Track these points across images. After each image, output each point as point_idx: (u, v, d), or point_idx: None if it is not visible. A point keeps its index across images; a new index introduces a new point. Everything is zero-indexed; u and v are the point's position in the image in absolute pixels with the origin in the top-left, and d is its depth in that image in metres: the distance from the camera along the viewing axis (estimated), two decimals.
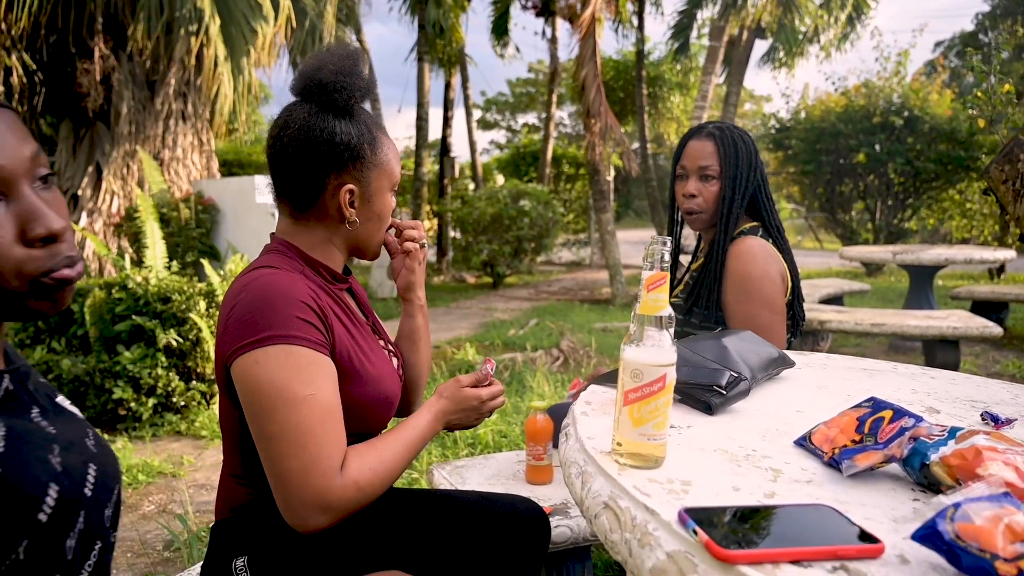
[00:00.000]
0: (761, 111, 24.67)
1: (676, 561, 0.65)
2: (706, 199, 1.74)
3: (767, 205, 1.76)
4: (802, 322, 1.79)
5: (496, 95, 29.04)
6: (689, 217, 1.78)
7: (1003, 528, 0.58)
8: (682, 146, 1.80)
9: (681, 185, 1.79)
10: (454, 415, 1.24)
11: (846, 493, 0.77)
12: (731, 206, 1.72)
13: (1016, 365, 4.77)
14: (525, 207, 9.41)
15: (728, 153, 1.72)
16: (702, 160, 1.73)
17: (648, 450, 0.82)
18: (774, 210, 1.78)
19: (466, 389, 1.24)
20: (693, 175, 1.75)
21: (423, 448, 1.18)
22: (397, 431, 1.15)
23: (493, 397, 1.27)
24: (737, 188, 1.72)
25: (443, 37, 11.12)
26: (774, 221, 1.76)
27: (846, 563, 0.61)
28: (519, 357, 4.76)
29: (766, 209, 1.76)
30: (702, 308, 1.73)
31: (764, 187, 1.76)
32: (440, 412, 1.21)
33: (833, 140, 11.82)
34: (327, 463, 1.00)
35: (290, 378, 0.99)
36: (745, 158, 1.73)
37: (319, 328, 1.05)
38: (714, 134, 1.75)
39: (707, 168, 1.73)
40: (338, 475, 1.00)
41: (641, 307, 0.83)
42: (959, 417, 1.07)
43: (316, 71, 1.13)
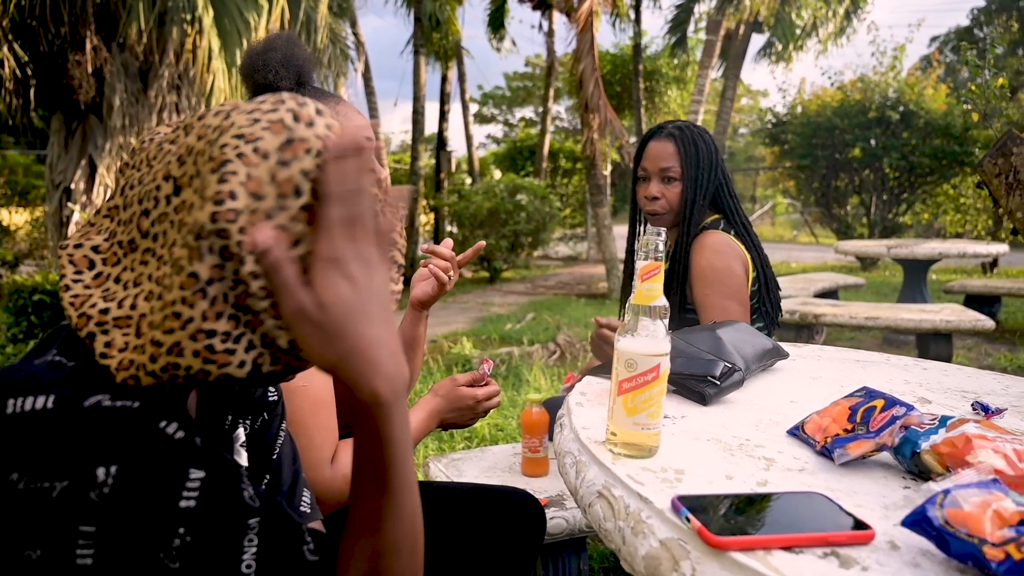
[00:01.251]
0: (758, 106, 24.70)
1: (669, 548, 0.65)
2: (669, 200, 1.74)
3: (731, 203, 1.77)
4: (778, 313, 1.80)
5: (493, 89, 29.01)
6: (652, 218, 1.78)
7: (991, 514, 0.59)
8: (642, 147, 1.80)
9: (643, 187, 1.78)
10: (449, 414, 1.24)
11: (838, 481, 0.78)
12: (693, 207, 1.72)
13: (1008, 358, 4.80)
14: (522, 201, 9.40)
15: (689, 154, 1.72)
16: (663, 162, 1.73)
17: (642, 439, 0.83)
18: (738, 206, 1.79)
19: (462, 388, 1.24)
20: (655, 177, 1.75)
21: (417, 445, 1.19)
22: None
23: (489, 397, 1.27)
24: (699, 188, 1.72)
25: (439, 30, 11.08)
26: (738, 216, 1.77)
27: (837, 549, 0.62)
28: (516, 351, 4.77)
29: (730, 207, 1.76)
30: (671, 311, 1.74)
31: (727, 184, 1.77)
32: (435, 410, 1.21)
33: (829, 135, 11.84)
34: (318, 454, 1.00)
35: None
36: (706, 157, 1.73)
37: None
38: (674, 134, 1.75)
39: (668, 170, 1.73)
40: (328, 466, 1.01)
41: (635, 297, 0.83)
42: (950, 407, 1.08)
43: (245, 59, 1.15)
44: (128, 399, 0.55)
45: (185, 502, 0.52)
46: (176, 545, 0.52)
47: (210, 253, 0.52)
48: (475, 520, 1.33)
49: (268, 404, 0.82)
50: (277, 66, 1.14)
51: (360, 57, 11.92)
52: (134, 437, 0.52)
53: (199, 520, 0.53)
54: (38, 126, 7.89)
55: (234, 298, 0.54)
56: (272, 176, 0.53)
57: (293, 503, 0.81)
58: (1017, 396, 1.17)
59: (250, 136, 0.53)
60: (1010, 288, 5.73)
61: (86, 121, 7.18)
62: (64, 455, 0.51)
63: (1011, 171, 2.23)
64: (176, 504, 0.52)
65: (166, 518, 0.52)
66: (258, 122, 0.54)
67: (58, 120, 7.26)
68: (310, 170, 0.54)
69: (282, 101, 0.56)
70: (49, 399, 0.53)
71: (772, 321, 1.79)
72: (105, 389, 0.55)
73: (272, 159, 0.53)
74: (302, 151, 0.54)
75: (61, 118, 7.24)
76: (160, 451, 0.53)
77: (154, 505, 0.51)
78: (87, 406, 0.53)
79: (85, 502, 0.50)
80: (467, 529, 1.32)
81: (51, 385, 0.54)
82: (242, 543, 0.54)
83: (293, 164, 0.54)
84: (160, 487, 0.52)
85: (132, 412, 0.54)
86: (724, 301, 1.64)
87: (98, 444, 0.51)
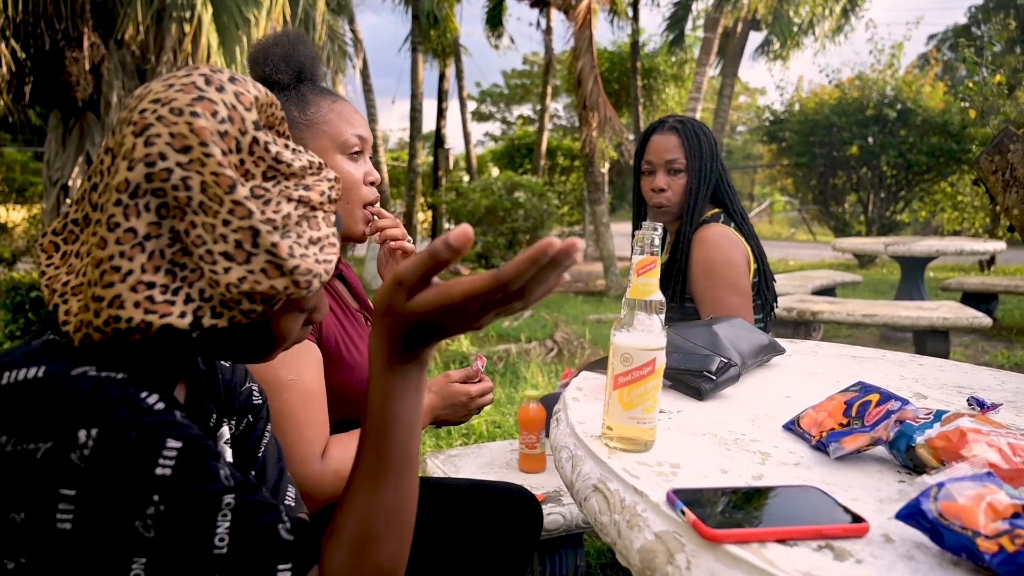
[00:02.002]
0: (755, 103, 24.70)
1: (664, 541, 0.65)
2: (675, 192, 1.76)
3: (729, 193, 1.79)
4: (774, 305, 1.82)
5: (491, 87, 28.96)
6: (658, 211, 1.80)
7: (985, 506, 0.59)
8: (645, 141, 1.81)
9: (648, 180, 1.80)
10: (442, 410, 1.23)
11: (833, 475, 0.78)
12: (697, 197, 1.74)
13: (1005, 355, 4.81)
14: (520, 199, 9.40)
15: (692, 145, 1.74)
16: (668, 154, 1.75)
17: (637, 434, 0.83)
18: (736, 197, 1.82)
19: (455, 385, 1.24)
20: (660, 169, 1.77)
21: None
22: None
23: (482, 394, 1.26)
24: (702, 179, 1.74)
25: (437, 27, 11.06)
26: (736, 208, 1.79)
27: (831, 542, 0.62)
28: (513, 348, 4.77)
29: (728, 197, 1.79)
30: (670, 301, 1.75)
31: (725, 176, 1.80)
32: (428, 407, 1.21)
33: (827, 132, 11.85)
34: (308, 448, 1.00)
35: (274, 363, 1.00)
36: (708, 149, 1.75)
37: None
38: (676, 128, 1.77)
39: (674, 162, 1.75)
40: (318, 461, 1.01)
41: (631, 291, 0.84)
42: (946, 402, 1.09)
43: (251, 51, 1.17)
44: (114, 371, 0.58)
45: (161, 469, 0.54)
46: (151, 513, 0.54)
47: (147, 211, 0.57)
48: (472, 516, 1.33)
49: (253, 407, 0.84)
50: (277, 60, 1.14)
51: (358, 55, 11.89)
52: (115, 402, 0.55)
53: (174, 489, 0.54)
54: (35, 123, 7.86)
55: (171, 254, 0.58)
56: (190, 127, 0.57)
57: (278, 498, 0.82)
58: (1013, 391, 1.18)
59: (165, 99, 0.58)
60: (1007, 286, 5.74)
61: (84, 118, 7.16)
62: (49, 417, 0.54)
63: (1007, 168, 2.23)
64: (152, 471, 0.54)
65: (142, 484, 0.53)
66: (172, 86, 0.59)
67: (55, 117, 7.23)
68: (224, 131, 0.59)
69: (196, 68, 0.61)
70: (40, 369, 0.56)
71: (770, 316, 1.80)
72: (93, 362, 0.58)
73: (186, 113, 0.57)
74: (211, 111, 0.58)
75: (59, 115, 7.22)
76: (139, 417, 0.55)
77: (131, 469, 0.53)
78: (73, 374, 0.56)
79: (67, 464, 0.53)
80: (464, 525, 1.32)
81: (43, 358, 0.58)
82: (215, 518, 0.56)
83: (207, 117, 0.58)
84: (138, 452, 0.54)
85: (116, 381, 0.57)
86: (724, 294, 1.65)
87: (81, 408, 0.54)
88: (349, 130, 1.14)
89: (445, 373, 1.26)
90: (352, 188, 1.14)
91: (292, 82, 1.16)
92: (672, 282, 1.75)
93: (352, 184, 1.14)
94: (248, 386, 0.84)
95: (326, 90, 1.18)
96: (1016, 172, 2.25)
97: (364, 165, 1.17)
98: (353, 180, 1.14)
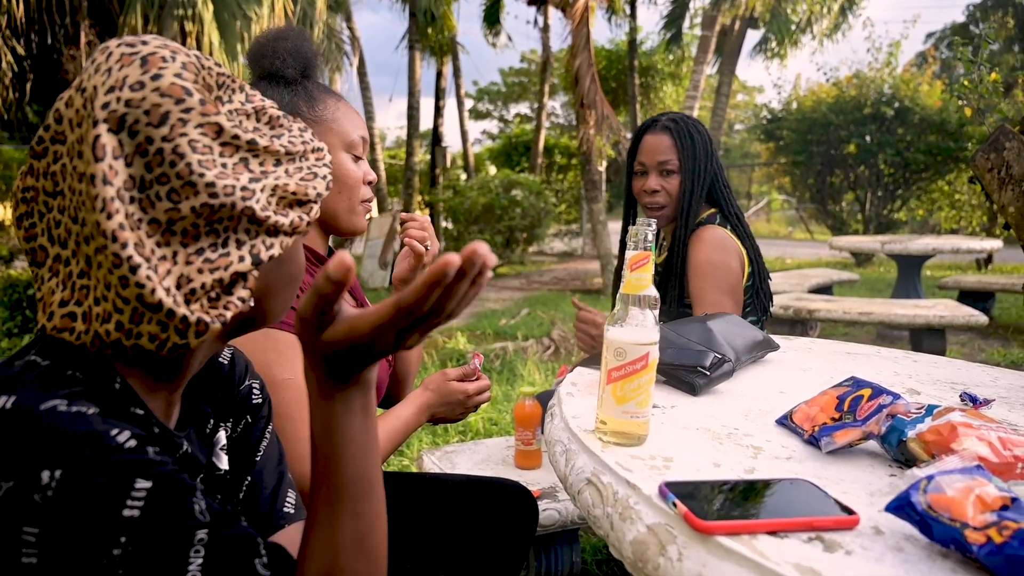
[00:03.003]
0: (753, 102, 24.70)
1: (656, 533, 0.66)
2: (669, 193, 1.74)
3: (725, 193, 1.76)
4: (769, 306, 1.79)
5: (488, 85, 28.95)
6: (652, 213, 1.78)
7: (973, 499, 0.59)
8: (637, 141, 1.79)
9: (640, 181, 1.77)
10: (439, 408, 1.23)
11: (825, 469, 0.79)
12: (691, 198, 1.72)
13: (1001, 353, 4.82)
14: (517, 197, 9.40)
15: (685, 146, 1.71)
16: (660, 155, 1.72)
17: (631, 428, 0.83)
18: (732, 197, 1.79)
19: (452, 383, 1.24)
20: (653, 171, 1.74)
21: (406, 440, 1.18)
22: (380, 421, 1.15)
23: (479, 392, 1.27)
24: (696, 180, 1.71)
25: (434, 25, 11.05)
26: (732, 208, 1.77)
27: (822, 534, 0.63)
28: (510, 346, 4.78)
29: (724, 197, 1.76)
30: (667, 304, 1.74)
31: (720, 175, 1.77)
32: (425, 404, 1.21)
33: (824, 131, 11.86)
34: (303, 447, 1.00)
35: (270, 362, 1.00)
36: (702, 149, 1.72)
37: None
38: (669, 127, 1.74)
39: (667, 163, 1.72)
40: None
41: (625, 287, 0.84)
42: (939, 398, 1.09)
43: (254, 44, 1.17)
44: (84, 404, 0.55)
45: (129, 511, 0.53)
46: (117, 554, 0.52)
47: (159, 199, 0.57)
48: (468, 512, 1.33)
49: (252, 406, 0.82)
50: (286, 55, 1.15)
51: (355, 52, 11.89)
52: (81, 441, 0.53)
53: (142, 531, 0.53)
54: (32, 121, 7.84)
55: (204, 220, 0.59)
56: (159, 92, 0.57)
57: (276, 504, 0.80)
58: (1006, 388, 1.18)
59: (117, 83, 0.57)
60: (1004, 284, 5.76)
61: None
62: (12, 456, 0.52)
63: (1003, 166, 2.24)
64: (119, 513, 0.52)
65: (108, 526, 0.52)
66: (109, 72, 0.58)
67: None
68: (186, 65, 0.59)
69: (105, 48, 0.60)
70: (9, 400, 0.54)
71: (764, 311, 1.80)
72: (65, 393, 0.56)
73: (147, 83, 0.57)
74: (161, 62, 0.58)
75: None
76: (106, 457, 0.53)
77: (96, 512, 0.52)
78: (42, 409, 0.54)
79: (29, 504, 0.51)
80: (460, 521, 1.32)
81: (16, 385, 0.56)
82: (188, 554, 0.54)
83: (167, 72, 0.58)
84: (103, 494, 0.52)
85: (86, 417, 0.54)
86: (719, 296, 1.64)
87: (46, 447, 0.52)
88: (355, 131, 1.17)
89: (442, 371, 1.26)
90: (355, 187, 1.18)
91: (298, 77, 1.17)
92: (669, 286, 1.74)
93: (355, 183, 1.17)
94: (249, 383, 0.82)
95: (328, 88, 1.20)
96: (1012, 170, 2.25)
97: (364, 165, 1.20)
98: (356, 179, 1.18)
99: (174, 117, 0.56)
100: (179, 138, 0.56)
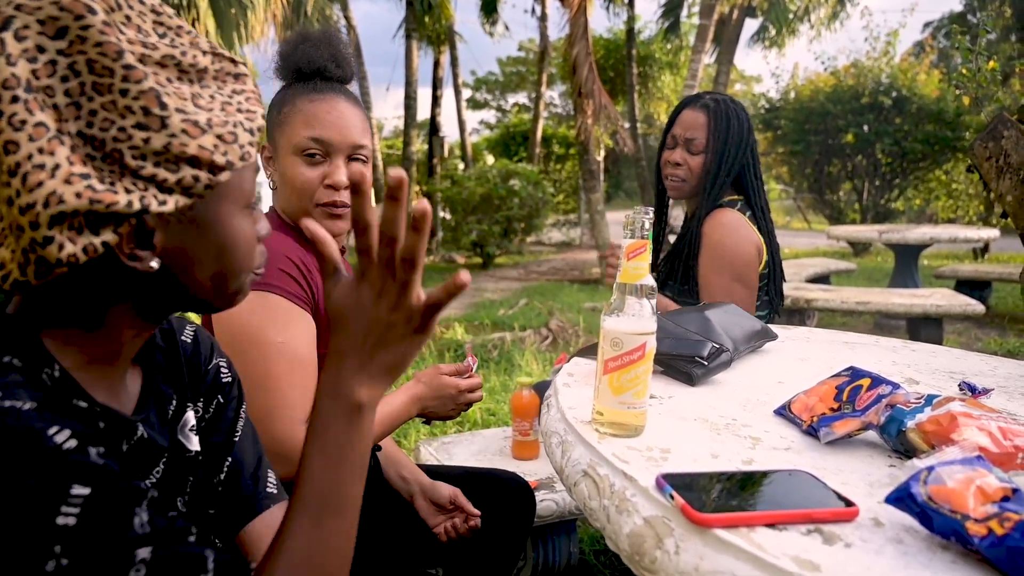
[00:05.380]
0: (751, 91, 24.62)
1: (653, 526, 0.65)
2: (691, 169, 1.72)
3: (755, 184, 1.74)
4: (780, 302, 1.78)
5: (486, 74, 28.79)
6: (670, 184, 1.77)
7: (974, 490, 0.58)
8: (676, 113, 1.78)
9: (669, 153, 1.77)
10: (430, 401, 1.22)
11: (824, 460, 0.78)
12: (715, 180, 1.70)
13: (998, 342, 4.83)
14: (515, 187, 9.38)
15: (719, 128, 1.69)
16: (692, 131, 1.71)
17: (628, 419, 0.83)
18: (761, 189, 1.76)
19: (445, 377, 1.23)
20: (681, 145, 1.73)
21: (395, 428, 1.17)
22: None
23: (472, 390, 1.26)
24: (723, 164, 1.69)
25: (432, 14, 10.99)
26: (759, 200, 1.74)
27: (821, 526, 0.62)
28: (508, 336, 4.77)
29: (753, 188, 1.73)
30: (676, 282, 1.73)
31: (754, 165, 1.74)
32: (416, 396, 1.20)
33: (822, 120, 11.83)
34: (289, 411, 1.01)
35: (263, 324, 1.02)
36: (736, 135, 1.69)
37: (300, 284, 1.07)
38: (708, 106, 1.72)
39: (695, 140, 1.71)
40: (300, 424, 1.00)
41: (621, 275, 0.83)
42: (938, 387, 1.08)
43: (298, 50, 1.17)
44: (20, 399, 0.52)
45: (63, 519, 0.49)
46: (51, 568, 0.49)
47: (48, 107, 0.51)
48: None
49: (222, 385, 0.79)
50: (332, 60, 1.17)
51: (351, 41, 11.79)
52: (15, 441, 0.49)
53: (78, 541, 0.49)
54: None
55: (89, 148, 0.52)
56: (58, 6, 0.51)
57: (258, 486, 0.79)
58: (1004, 377, 1.18)
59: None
60: (1000, 273, 5.76)
61: None
62: None
63: (1001, 154, 2.23)
64: (52, 520, 0.49)
65: (40, 534, 0.48)
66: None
67: None
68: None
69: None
70: None
71: (774, 309, 1.78)
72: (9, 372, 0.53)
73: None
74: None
75: None
76: (40, 460, 0.50)
77: (28, 518, 0.48)
78: None
79: None
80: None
81: None
82: (127, 574, 0.51)
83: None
84: (36, 498, 0.49)
85: (20, 414, 0.51)
86: (728, 282, 1.63)
87: None
88: (304, 131, 1.11)
89: (436, 366, 1.25)
90: (304, 190, 1.12)
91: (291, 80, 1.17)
92: (680, 263, 1.72)
93: (304, 185, 1.12)
94: (216, 362, 0.79)
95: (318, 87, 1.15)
96: (1010, 158, 2.24)
97: (325, 167, 1.13)
98: (304, 181, 1.12)
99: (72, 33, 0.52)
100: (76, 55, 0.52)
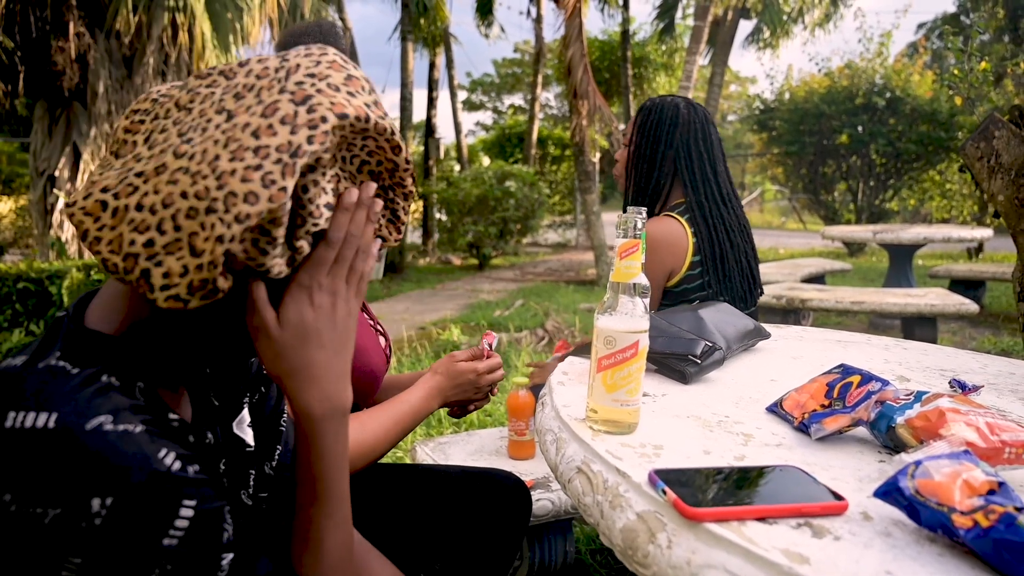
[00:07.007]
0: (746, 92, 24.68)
1: (646, 521, 0.66)
2: (620, 162, 1.76)
3: (692, 180, 1.62)
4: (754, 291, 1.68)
5: (481, 76, 28.86)
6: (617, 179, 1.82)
7: (961, 483, 0.59)
8: None
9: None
10: (451, 391, 1.19)
11: (814, 456, 0.79)
12: (635, 174, 1.69)
13: (991, 341, 4.85)
14: (511, 188, 9.38)
15: (636, 121, 1.68)
16: (629, 127, 1.75)
17: (621, 416, 0.83)
18: (704, 183, 1.63)
19: (460, 363, 1.20)
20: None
21: (415, 425, 1.15)
22: (385, 405, 1.14)
23: (491, 370, 1.23)
24: (641, 156, 1.65)
25: (427, 16, 10.99)
26: (700, 196, 1.62)
27: (811, 520, 0.63)
28: (504, 337, 4.78)
29: (692, 186, 1.62)
30: None
31: (689, 159, 1.63)
32: (434, 388, 1.18)
33: (816, 121, 11.88)
34: None
35: None
36: (653, 126, 1.63)
37: None
38: (644, 103, 1.71)
39: (625, 134, 1.74)
40: None
41: (614, 274, 0.84)
42: (928, 385, 1.09)
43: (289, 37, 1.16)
44: (130, 422, 0.54)
45: (168, 540, 0.53)
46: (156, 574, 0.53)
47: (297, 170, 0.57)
48: (462, 502, 1.34)
49: (265, 377, 0.82)
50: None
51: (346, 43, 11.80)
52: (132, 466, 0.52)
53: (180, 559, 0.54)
54: (21, 114, 7.77)
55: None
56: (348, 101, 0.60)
57: None
58: (994, 374, 1.19)
59: (320, 75, 0.60)
60: (994, 273, 5.78)
61: (70, 108, 7.07)
62: (60, 481, 0.50)
63: (993, 154, 2.24)
64: (160, 542, 0.53)
65: (149, 554, 0.52)
66: (320, 64, 0.61)
67: (42, 107, 7.14)
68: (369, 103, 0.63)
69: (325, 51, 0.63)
70: (51, 418, 0.52)
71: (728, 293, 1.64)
72: (110, 409, 0.54)
73: (343, 90, 0.60)
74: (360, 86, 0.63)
75: (45, 105, 7.12)
76: (155, 485, 0.53)
77: (140, 540, 0.52)
78: (88, 429, 0.52)
79: (76, 531, 0.50)
80: (454, 511, 1.32)
81: (53, 400, 0.53)
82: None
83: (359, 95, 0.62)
84: (150, 522, 0.52)
85: (132, 438, 0.53)
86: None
87: (96, 473, 0.51)
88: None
89: (450, 354, 1.23)
90: None
91: None
92: None
93: None
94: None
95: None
96: (1001, 158, 2.26)
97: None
98: None
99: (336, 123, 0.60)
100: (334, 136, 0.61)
